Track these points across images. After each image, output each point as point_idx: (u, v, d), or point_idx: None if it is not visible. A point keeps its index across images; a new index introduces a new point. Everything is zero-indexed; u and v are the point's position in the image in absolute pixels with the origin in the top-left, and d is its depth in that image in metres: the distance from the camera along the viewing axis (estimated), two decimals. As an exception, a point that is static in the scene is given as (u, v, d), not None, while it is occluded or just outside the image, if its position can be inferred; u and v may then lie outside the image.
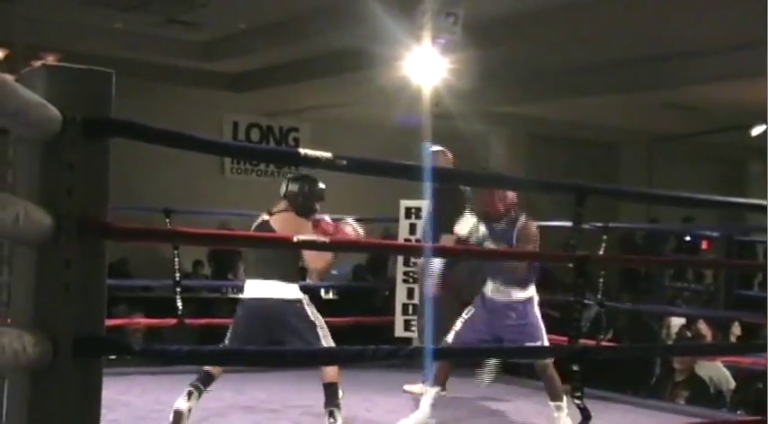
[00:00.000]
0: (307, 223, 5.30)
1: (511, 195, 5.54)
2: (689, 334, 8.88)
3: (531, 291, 5.56)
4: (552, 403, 5.49)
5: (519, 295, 5.52)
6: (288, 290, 5.21)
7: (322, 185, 5.48)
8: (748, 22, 9.10)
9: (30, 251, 2.11)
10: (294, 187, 5.38)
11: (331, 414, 5.20)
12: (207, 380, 5.25)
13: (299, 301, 5.23)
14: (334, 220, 5.49)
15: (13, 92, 1.81)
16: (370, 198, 11.02)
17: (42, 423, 2.10)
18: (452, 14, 8.51)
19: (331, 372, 5.21)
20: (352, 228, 5.41)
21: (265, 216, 5.39)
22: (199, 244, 9.02)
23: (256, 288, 5.26)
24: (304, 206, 5.37)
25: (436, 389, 5.76)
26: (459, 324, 5.62)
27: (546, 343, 5.60)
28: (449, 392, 6.30)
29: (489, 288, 5.60)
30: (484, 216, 5.54)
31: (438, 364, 5.66)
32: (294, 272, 5.34)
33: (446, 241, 6.09)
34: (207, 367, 5.20)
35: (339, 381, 5.29)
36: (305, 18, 10.29)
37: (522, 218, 5.54)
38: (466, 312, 5.67)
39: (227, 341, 5.29)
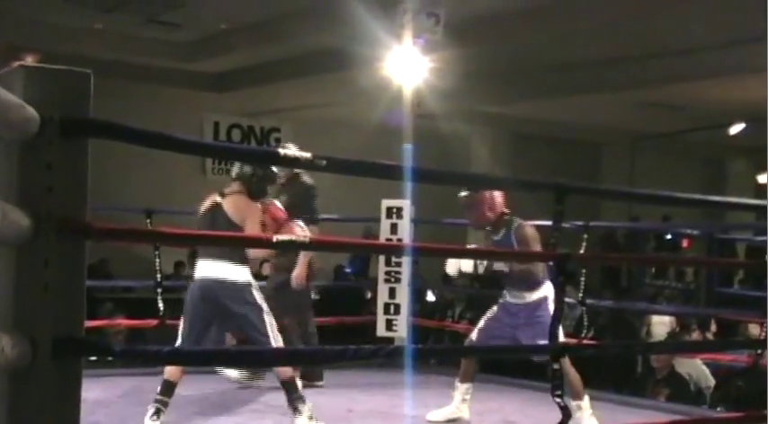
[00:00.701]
0: (256, 206, 5.31)
1: (499, 201, 5.57)
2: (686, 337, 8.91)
3: (545, 290, 5.58)
4: (573, 403, 5.47)
5: (533, 296, 5.60)
6: (237, 272, 5.19)
7: (275, 168, 5.50)
8: (730, 22, 9.17)
9: (8, 252, 2.10)
10: (247, 168, 5.36)
11: (296, 410, 5.19)
12: (169, 390, 5.21)
13: (249, 284, 5.22)
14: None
15: (-10, 92, 1.81)
16: (351, 198, 11.02)
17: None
18: (433, 14, 8.52)
19: (286, 369, 5.21)
20: (300, 228, 5.43)
21: (217, 198, 5.38)
22: (180, 245, 9.02)
23: (207, 269, 5.23)
24: (256, 188, 5.37)
25: (467, 385, 5.83)
26: (482, 322, 5.73)
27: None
28: (432, 390, 6.32)
29: (508, 295, 5.70)
30: (482, 227, 5.62)
31: (463, 360, 5.79)
32: (243, 255, 5.27)
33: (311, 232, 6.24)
34: (166, 376, 5.18)
35: (296, 375, 5.36)
36: (286, 18, 10.30)
37: (517, 222, 5.57)
38: (490, 312, 5.76)
39: (181, 325, 5.29)
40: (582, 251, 6.69)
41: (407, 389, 6.21)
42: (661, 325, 9.72)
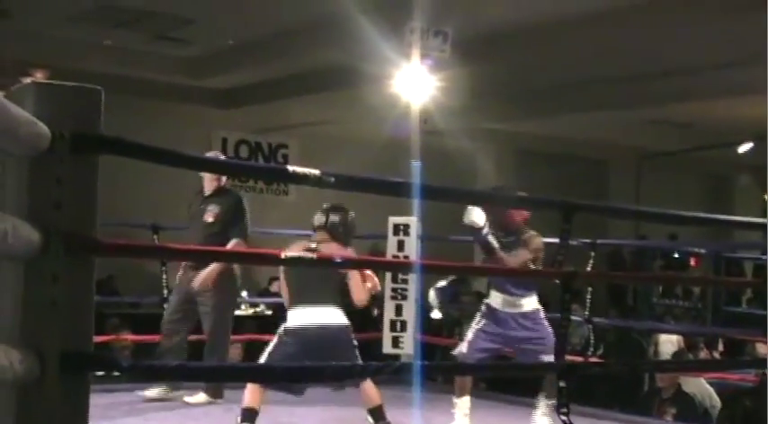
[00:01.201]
0: (354, 255, 5.25)
1: (526, 212, 5.68)
2: (691, 356, 8.89)
3: (537, 301, 5.64)
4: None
5: (529, 306, 5.64)
6: (341, 316, 5.09)
7: (352, 214, 5.47)
8: (738, 41, 9.17)
9: (17, 267, 2.11)
10: (336, 218, 5.28)
11: None
12: (251, 418, 5.03)
13: (350, 327, 5.14)
14: None
15: (2, 108, 1.82)
16: (358, 215, 11.02)
17: (29, 439, 2.09)
18: (441, 33, 8.55)
19: (373, 396, 5.13)
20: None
21: (311, 245, 5.20)
22: (187, 261, 9.01)
23: (310, 315, 5.05)
24: (345, 238, 5.28)
25: (466, 399, 5.83)
26: (470, 334, 5.73)
27: None
28: (438, 408, 6.30)
29: (498, 301, 5.69)
30: (500, 228, 5.64)
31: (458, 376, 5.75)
32: (340, 297, 5.15)
33: (236, 245, 6.27)
34: (245, 404, 5.01)
35: (381, 401, 5.20)
36: (294, 35, 10.33)
37: (529, 232, 5.68)
38: (476, 322, 5.77)
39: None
40: (589, 269, 6.69)
41: (413, 407, 6.19)
42: (669, 344, 9.69)
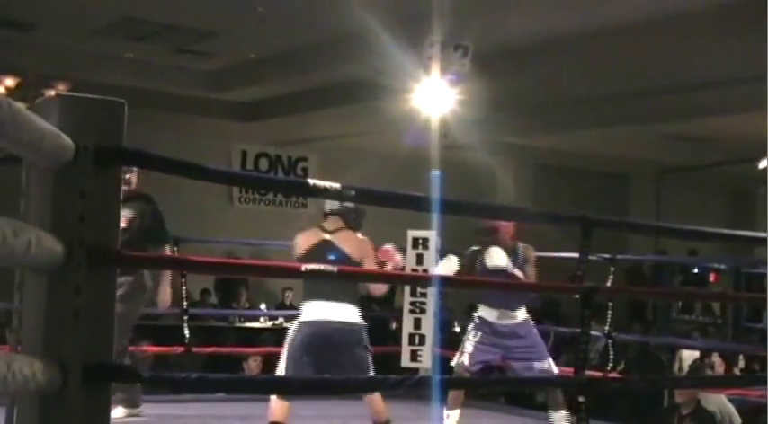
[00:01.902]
0: (369, 242, 5.18)
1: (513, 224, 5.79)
2: (709, 371, 8.85)
3: (525, 311, 5.85)
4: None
5: (522, 316, 5.76)
6: (354, 314, 5.01)
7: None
8: (757, 56, 9.13)
9: (40, 278, 2.13)
10: (349, 203, 5.07)
11: None
12: None
13: (364, 326, 5.05)
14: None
15: (28, 121, 1.84)
16: (377, 228, 11.03)
17: (51, 449, 2.10)
18: (461, 47, 8.55)
19: (381, 411, 5.05)
20: (400, 256, 5.43)
21: (324, 235, 5.12)
22: (207, 273, 9.06)
23: (320, 310, 4.97)
24: (357, 223, 5.21)
25: (457, 411, 5.87)
26: (470, 347, 5.81)
27: (551, 362, 5.84)
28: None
29: (494, 315, 5.77)
30: (504, 247, 5.72)
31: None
32: (357, 296, 5.09)
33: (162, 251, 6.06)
34: (272, 419, 4.95)
35: (388, 416, 5.12)
36: (314, 49, 10.36)
37: (523, 244, 5.86)
38: (473, 335, 5.84)
39: (282, 365, 5.01)
40: (608, 284, 6.68)
41: (433, 420, 6.18)
42: (692, 359, 9.64)
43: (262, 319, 12.82)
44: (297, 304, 13.49)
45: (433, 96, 9.05)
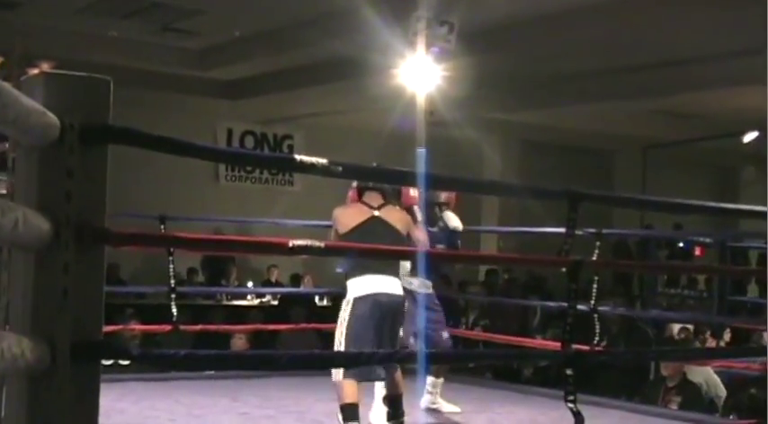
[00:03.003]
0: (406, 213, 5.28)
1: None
2: (697, 343, 8.92)
3: None
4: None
5: (431, 287, 5.86)
6: (401, 287, 5.16)
7: None
8: (743, 30, 9.16)
9: (28, 257, 2.13)
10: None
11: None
12: (354, 413, 4.97)
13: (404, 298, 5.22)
14: None
15: (12, 99, 1.83)
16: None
17: (41, 426, 2.11)
18: (447, 23, 8.54)
19: (400, 383, 5.12)
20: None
21: (373, 211, 5.11)
22: (196, 249, 9.02)
23: (381, 284, 5.01)
24: (394, 196, 5.27)
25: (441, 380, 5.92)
26: (442, 324, 5.88)
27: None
28: (444, 396, 6.32)
29: (415, 283, 5.79)
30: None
31: None
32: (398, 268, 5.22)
33: None
34: (344, 400, 4.93)
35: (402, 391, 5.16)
36: (300, 26, 10.33)
37: None
38: (432, 313, 5.91)
39: (342, 340, 5.00)
40: (594, 259, 6.70)
41: (420, 395, 6.21)
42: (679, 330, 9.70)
43: (249, 297, 12.85)
44: (283, 282, 13.48)
45: (419, 73, 9.03)
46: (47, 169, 2.14)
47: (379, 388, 5.52)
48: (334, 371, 4.96)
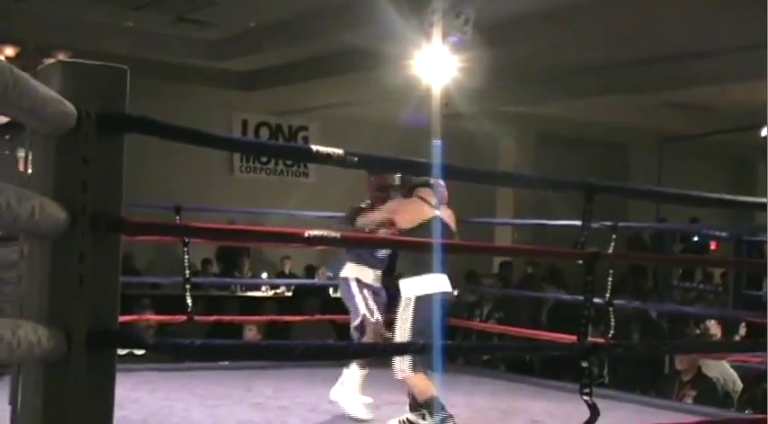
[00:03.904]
0: None
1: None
2: (697, 331, 8.89)
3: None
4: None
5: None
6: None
7: None
8: (759, 23, 9.10)
9: (44, 245, 2.13)
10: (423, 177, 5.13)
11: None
12: (439, 404, 4.98)
13: None
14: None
15: (30, 87, 1.83)
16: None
17: (56, 415, 2.11)
18: (463, 14, 8.52)
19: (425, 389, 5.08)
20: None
21: (433, 210, 5.14)
22: (210, 239, 9.02)
23: (441, 283, 5.09)
24: (442, 195, 5.28)
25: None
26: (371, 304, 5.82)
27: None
28: (457, 389, 6.31)
29: (371, 277, 5.80)
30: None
31: None
32: None
33: None
34: (424, 397, 4.99)
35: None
36: (315, 17, 10.32)
37: None
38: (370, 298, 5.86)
39: (407, 336, 5.01)
40: (610, 251, 6.67)
41: (434, 387, 6.20)
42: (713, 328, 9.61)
43: (263, 288, 12.86)
44: (297, 273, 13.44)
45: (435, 64, 9.02)
46: (63, 157, 2.14)
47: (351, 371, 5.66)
48: (399, 368, 5.00)
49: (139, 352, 6.13)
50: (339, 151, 2.62)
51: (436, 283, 5.05)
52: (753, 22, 9.19)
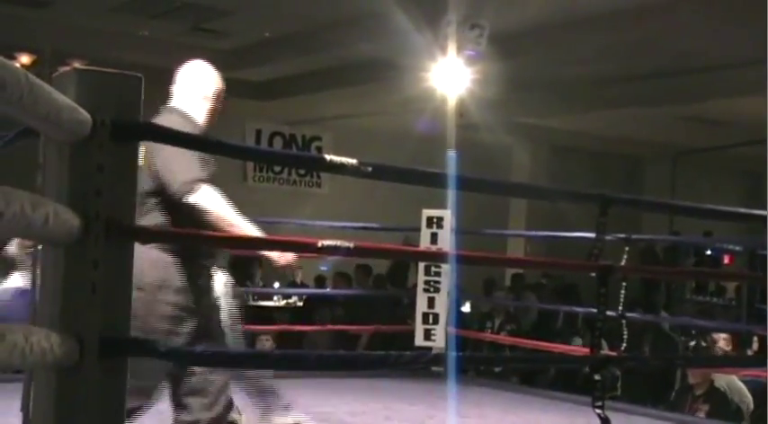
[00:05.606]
0: None
1: None
2: (703, 344, 8.85)
3: None
4: None
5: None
6: None
7: None
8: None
9: (58, 252, 2.13)
10: None
11: None
12: None
13: None
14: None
15: (44, 94, 1.83)
16: (391, 207, 11.03)
17: (68, 422, 2.12)
18: (477, 26, 8.53)
19: None
20: None
21: None
22: (224, 247, 9.04)
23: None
24: None
25: None
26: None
27: None
28: (469, 400, 6.30)
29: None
30: None
31: None
32: None
33: None
34: None
35: None
36: (330, 28, 10.34)
37: None
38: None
39: None
40: (623, 264, 6.65)
41: (446, 399, 6.20)
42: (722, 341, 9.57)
43: (275, 297, 12.85)
44: (308, 283, 13.39)
45: (449, 75, 9.03)
46: (78, 164, 2.14)
47: None
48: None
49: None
50: (353, 161, 2.62)
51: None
52: (765, 35, 9.18)
